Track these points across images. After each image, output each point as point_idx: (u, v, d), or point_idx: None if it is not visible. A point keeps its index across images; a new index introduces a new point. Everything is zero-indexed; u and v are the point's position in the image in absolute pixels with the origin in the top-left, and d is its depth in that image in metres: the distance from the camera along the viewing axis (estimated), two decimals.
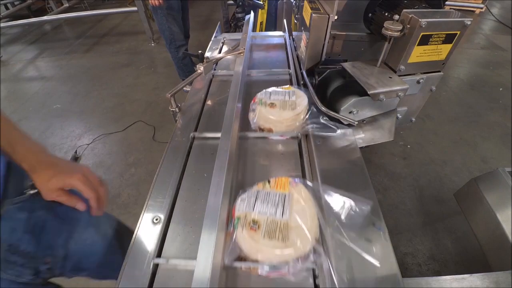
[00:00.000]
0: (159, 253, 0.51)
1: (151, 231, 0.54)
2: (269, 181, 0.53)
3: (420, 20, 0.62)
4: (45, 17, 3.58)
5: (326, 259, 0.44)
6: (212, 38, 1.31)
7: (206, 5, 4.29)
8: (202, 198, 0.59)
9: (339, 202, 0.50)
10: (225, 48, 1.24)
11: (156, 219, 0.56)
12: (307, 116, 0.73)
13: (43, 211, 0.56)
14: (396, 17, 0.66)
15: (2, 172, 0.49)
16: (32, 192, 0.52)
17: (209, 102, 0.89)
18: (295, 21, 1.09)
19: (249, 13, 1.34)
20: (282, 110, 0.72)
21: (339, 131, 0.72)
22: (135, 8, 3.19)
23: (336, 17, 0.77)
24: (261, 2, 2.07)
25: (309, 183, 0.54)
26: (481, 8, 3.86)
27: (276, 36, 1.33)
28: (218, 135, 0.65)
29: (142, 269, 0.48)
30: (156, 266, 0.49)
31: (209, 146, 0.72)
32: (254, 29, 1.27)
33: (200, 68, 0.87)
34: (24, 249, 0.51)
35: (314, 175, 0.62)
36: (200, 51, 1.08)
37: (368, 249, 0.46)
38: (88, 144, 1.98)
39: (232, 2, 2.45)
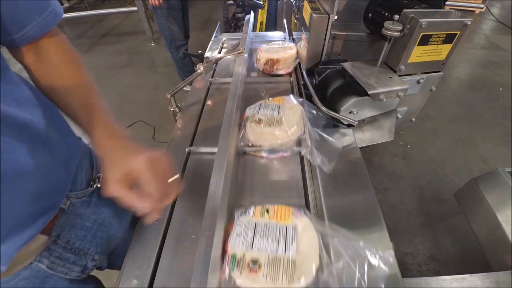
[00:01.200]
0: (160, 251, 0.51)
1: (151, 231, 0.54)
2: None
3: (420, 20, 0.62)
4: None
5: (308, 137, 0.65)
6: (212, 38, 1.31)
7: (206, 5, 4.29)
8: (203, 198, 0.59)
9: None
10: (225, 48, 1.24)
11: (156, 219, 0.56)
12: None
13: (106, 208, 0.54)
14: (396, 17, 0.66)
15: (75, 165, 0.46)
16: (99, 185, 0.49)
17: (209, 102, 0.89)
18: (295, 21, 1.09)
19: (249, 13, 1.34)
20: (284, 50, 0.97)
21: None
22: (135, 8, 3.19)
23: (336, 17, 0.77)
24: (261, 2, 2.07)
25: (299, 99, 0.73)
26: (481, 8, 3.86)
27: (276, 36, 1.33)
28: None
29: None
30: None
31: (209, 146, 0.72)
32: (254, 29, 1.27)
33: (200, 68, 0.87)
34: (79, 246, 0.49)
35: (314, 175, 0.64)
36: (200, 51, 1.09)
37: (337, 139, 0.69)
38: (88, 144, 1.98)
39: (232, 2, 2.45)
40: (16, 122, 0.34)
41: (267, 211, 0.49)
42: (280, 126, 0.66)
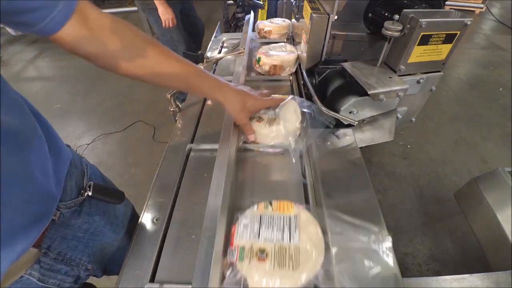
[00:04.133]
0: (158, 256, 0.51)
1: (151, 231, 0.54)
2: None
3: (420, 20, 0.62)
4: None
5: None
6: (212, 38, 1.31)
7: (206, 5, 4.29)
8: (203, 197, 0.59)
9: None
10: (225, 48, 1.24)
11: (156, 219, 0.56)
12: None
13: (98, 216, 0.52)
14: (396, 17, 0.66)
15: (64, 172, 0.44)
16: (90, 193, 0.47)
17: (209, 102, 0.89)
18: (295, 21, 1.09)
19: (249, 13, 1.34)
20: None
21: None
22: (135, 8, 3.19)
23: (336, 17, 0.77)
24: (261, 2, 2.07)
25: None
26: (481, 8, 3.86)
27: None
28: (218, 136, 0.65)
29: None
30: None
31: (209, 147, 0.72)
32: (254, 29, 1.27)
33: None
34: (71, 256, 0.47)
35: (315, 179, 0.62)
36: (200, 51, 1.08)
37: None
38: (88, 144, 1.98)
39: (232, 2, 2.45)
40: (1, 127, 0.31)
41: (270, 204, 0.49)
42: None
